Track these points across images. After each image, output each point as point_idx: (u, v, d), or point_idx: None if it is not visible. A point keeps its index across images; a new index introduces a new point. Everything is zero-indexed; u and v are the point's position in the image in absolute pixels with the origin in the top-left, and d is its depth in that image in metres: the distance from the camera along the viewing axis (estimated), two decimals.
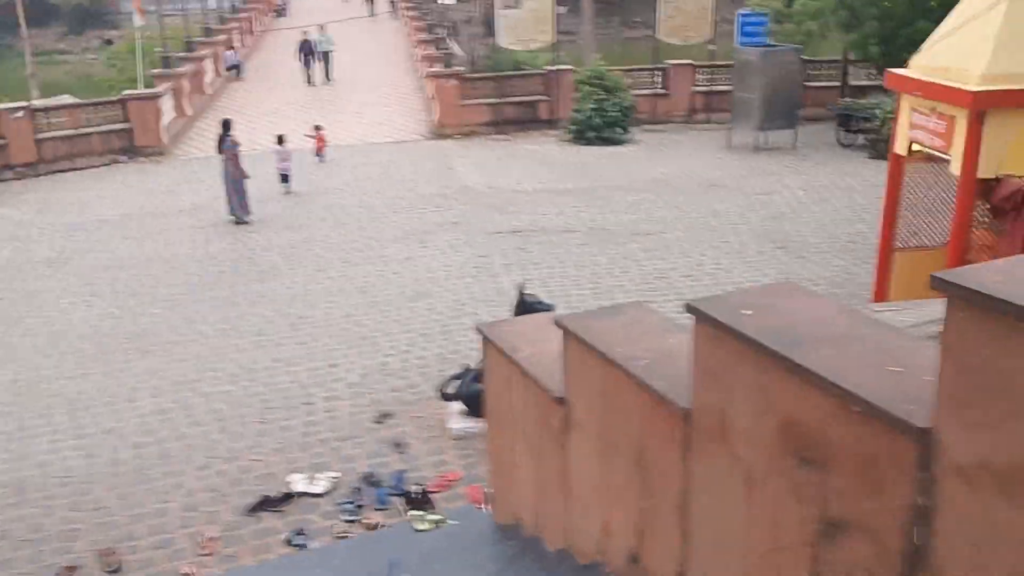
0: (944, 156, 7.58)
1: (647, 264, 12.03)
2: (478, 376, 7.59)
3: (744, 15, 22.56)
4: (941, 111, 7.34)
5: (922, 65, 7.76)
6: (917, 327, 4.25)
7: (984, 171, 7.14)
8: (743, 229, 13.48)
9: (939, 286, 2.13)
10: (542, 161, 19.05)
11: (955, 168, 7.28)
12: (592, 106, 20.45)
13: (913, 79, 7.77)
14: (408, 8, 35.53)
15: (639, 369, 3.71)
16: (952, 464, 2.20)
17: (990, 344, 2.03)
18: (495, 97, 22.43)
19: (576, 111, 20.86)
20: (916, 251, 8.65)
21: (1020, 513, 2.05)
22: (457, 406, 7.84)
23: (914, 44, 18.85)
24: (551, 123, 22.52)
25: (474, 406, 7.62)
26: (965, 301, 2.06)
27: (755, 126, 18.97)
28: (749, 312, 3.05)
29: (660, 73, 23.04)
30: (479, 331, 5.59)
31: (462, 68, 23.10)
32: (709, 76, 22.74)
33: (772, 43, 20.06)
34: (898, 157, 8.27)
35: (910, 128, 7.88)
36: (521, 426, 5.14)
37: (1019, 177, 7.47)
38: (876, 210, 14.17)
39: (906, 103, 7.94)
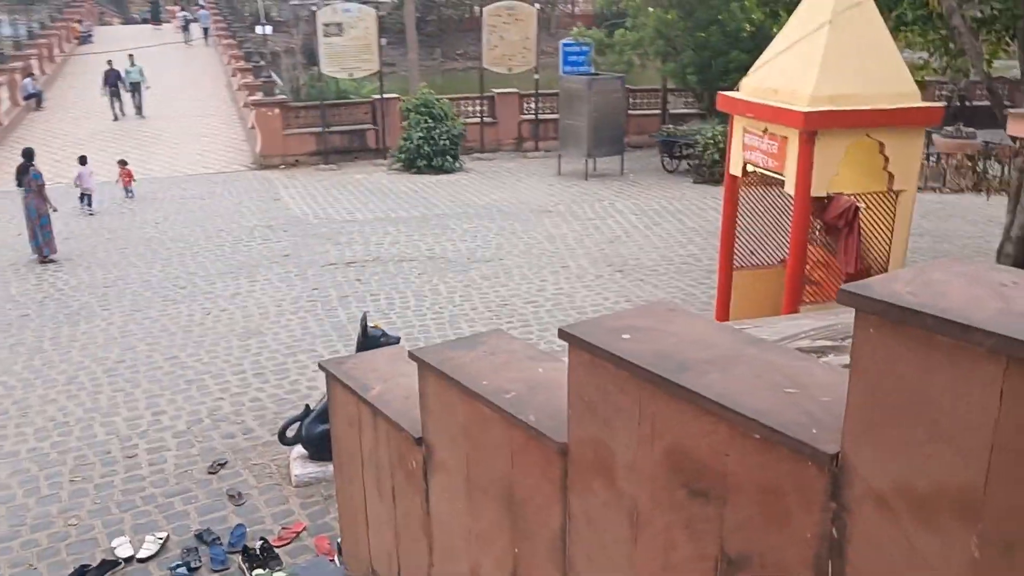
0: (778, 176, 7.84)
1: (489, 291, 11.88)
2: (321, 416, 7.13)
3: (567, 45, 23.17)
4: (773, 132, 7.60)
5: (752, 87, 8.03)
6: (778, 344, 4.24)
7: (817, 189, 7.43)
8: (580, 253, 13.61)
9: (847, 300, 2.00)
10: (373, 190, 18.65)
11: (789, 187, 7.55)
12: (421, 134, 20.27)
13: (745, 101, 8.02)
14: (224, 35, 34.26)
15: (507, 402, 3.46)
16: (866, 491, 2.06)
17: (905, 361, 1.90)
18: (321, 126, 21.86)
19: (405, 139, 20.62)
20: (754, 270, 8.92)
21: (940, 539, 1.94)
22: (299, 450, 7.33)
23: (729, 72, 20.04)
24: (379, 152, 22.18)
25: (318, 449, 7.14)
26: (877, 315, 1.93)
27: (584, 153, 19.37)
28: (628, 336, 2.87)
29: (487, 102, 23.20)
30: (323, 368, 5.19)
31: (285, 96, 22.37)
32: (535, 105, 23.11)
33: (596, 72, 20.62)
34: (733, 178, 8.52)
35: (744, 150, 8.13)
36: (374, 470, 4.77)
37: (849, 195, 7.85)
38: (706, 232, 14.75)
39: (739, 125, 8.19)
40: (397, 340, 7.30)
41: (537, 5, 24.04)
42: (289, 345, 10.16)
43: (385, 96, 22.19)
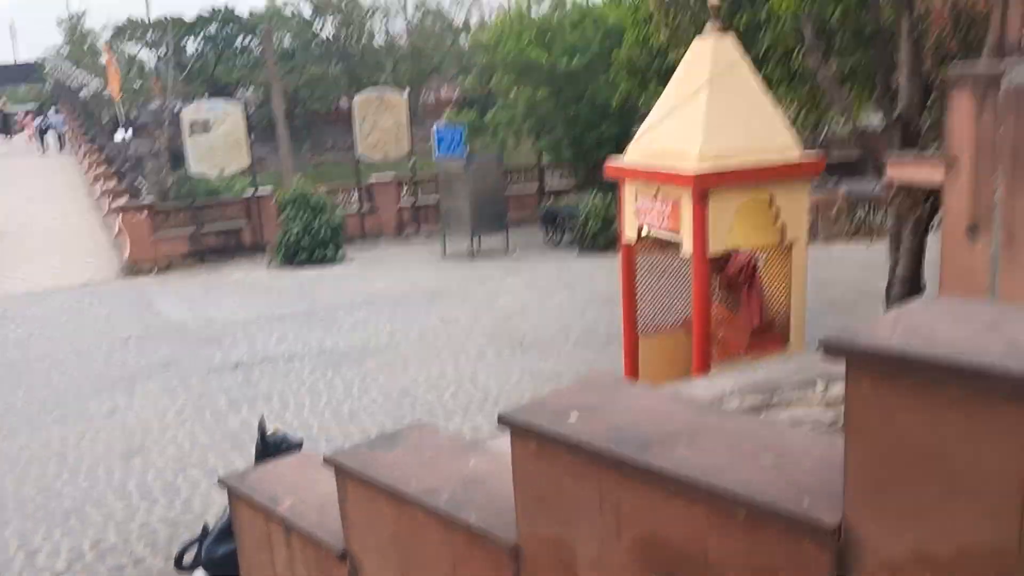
0: (673, 238, 7.85)
1: (387, 382, 11.46)
2: (222, 535, 6.53)
3: (440, 130, 23.29)
4: (665, 194, 7.64)
5: (640, 151, 8.09)
6: (718, 406, 4.09)
7: (714, 248, 7.47)
8: (477, 333, 13.38)
9: (835, 351, 1.81)
10: (253, 288, 18.01)
11: (687, 248, 7.56)
12: (299, 227, 19.83)
13: (633, 168, 8.06)
14: (83, 141, 33.05)
15: (443, 503, 3.14)
16: (878, 564, 1.85)
17: (909, 413, 1.72)
18: (192, 227, 21.11)
19: (283, 233, 20.12)
20: (657, 334, 8.86)
21: None
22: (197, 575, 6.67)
23: (602, 144, 20.53)
24: (256, 249, 21.56)
25: (221, 572, 6.52)
26: (872, 367, 1.75)
27: (467, 232, 19.32)
28: (576, 415, 2.62)
29: (365, 190, 22.99)
30: (224, 484, 4.72)
31: (152, 199, 21.56)
32: (415, 190, 23.04)
33: (472, 153, 20.77)
34: (628, 246, 8.51)
35: (637, 214, 8.14)
36: None
37: (745, 251, 7.93)
38: (598, 300, 14.80)
39: (630, 190, 8.21)
40: (300, 443, 6.82)
41: (407, 91, 24.18)
42: (178, 460, 9.44)
43: (258, 192, 21.68)
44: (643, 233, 8.26)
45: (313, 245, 19.86)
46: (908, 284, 9.65)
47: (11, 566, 7.42)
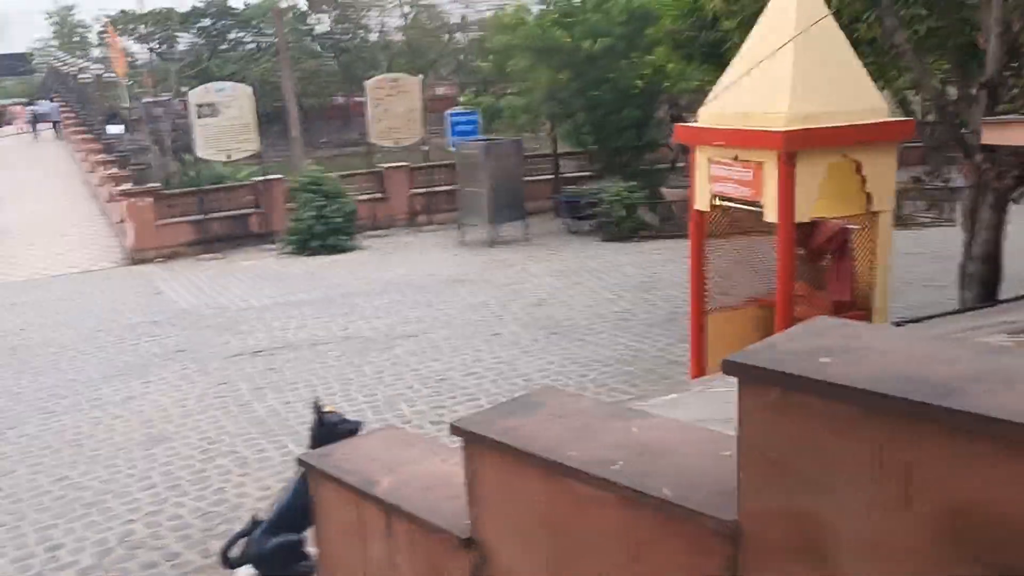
0: (749, 207, 7.19)
1: (420, 368, 10.76)
2: (275, 526, 5.84)
3: (454, 115, 22.61)
4: (746, 158, 6.97)
5: (715, 114, 7.42)
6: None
7: (801, 215, 6.81)
8: (508, 320, 12.69)
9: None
10: (264, 276, 17.26)
11: (770, 215, 6.90)
12: (312, 213, 19.09)
13: (710, 129, 7.39)
14: (78, 128, 32.16)
15: (618, 475, 2.47)
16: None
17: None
18: (199, 213, 20.34)
19: (295, 220, 19.38)
20: (724, 312, 8.18)
21: None
22: (247, 572, 5.97)
23: (623, 129, 19.87)
24: (264, 237, 20.81)
25: (272, 568, 5.82)
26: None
27: (486, 220, 18.63)
28: (826, 359, 1.94)
29: (376, 178, 22.26)
30: (303, 463, 4.04)
31: (157, 185, 20.78)
32: (427, 177, 22.33)
33: (491, 138, 20.07)
34: (700, 214, 7.82)
35: (711, 182, 7.47)
36: None
37: (832, 219, 7.28)
38: (629, 287, 14.15)
39: (703, 156, 7.54)
40: (358, 425, 6.12)
41: (420, 76, 23.45)
42: (204, 449, 8.72)
43: (268, 177, 20.93)
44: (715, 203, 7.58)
45: (326, 232, 19.12)
46: (987, 262, 9.02)
47: (31, 564, 6.69)
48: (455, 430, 3.07)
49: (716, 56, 11.36)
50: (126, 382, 11.02)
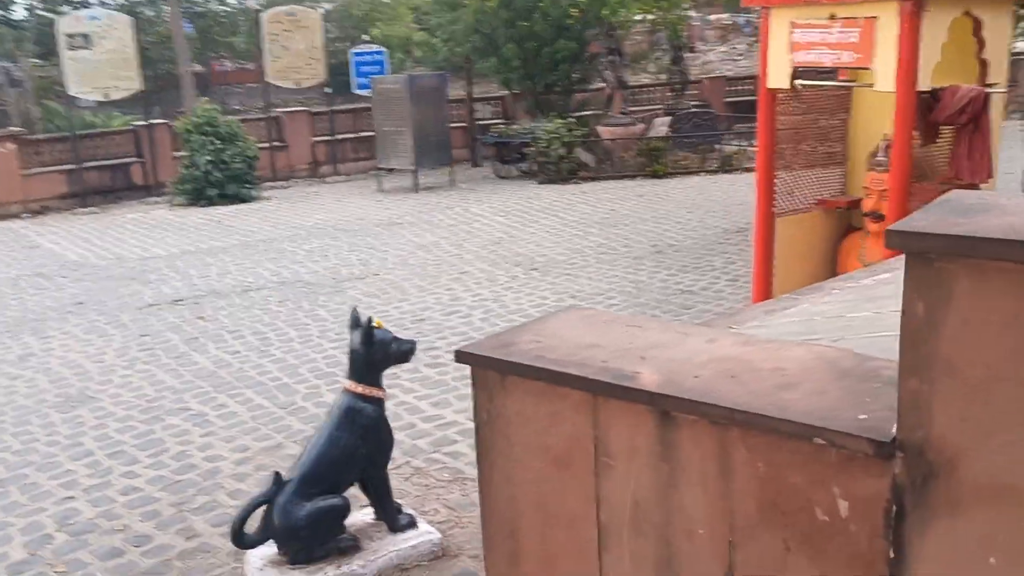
0: (843, 83, 5.98)
1: (389, 308, 9.18)
2: (306, 486, 4.27)
3: (358, 54, 20.68)
4: (850, 15, 5.75)
5: None
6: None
7: (923, 82, 5.66)
8: (472, 257, 11.20)
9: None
10: (159, 227, 15.01)
11: (884, 84, 5.72)
12: (208, 158, 16.80)
13: None
14: None
15: None
16: None
17: None
18: (73, 163, 17.71)
19: (187, 167, 17.04)
20: (791, 215, 6.97)
21: None
22: (263, 553, 4.34)
23: (557, 63, 18.47)
24: (151, 189, 18.37)
25: (305, 545, 4.24)
26: None
27: (409, 163, 16.93)
28: None
29: (274, 123, 20.08)
30: (468, 357, 2.59)
31: (21, 129, 17.98)
32: (330, 123, 20.31)
33: (412, 73, 18.26)
34: (772, 93, 6.56)
35: (792, 51, 6.22)
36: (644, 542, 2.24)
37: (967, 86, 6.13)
38: (594, 223, 12.86)
39: (781, 20, 6.28)
40: (413, 344, 4.59)
41: (322, 8, 21.32)
42: (144, 408, 6.89)
43: (151, 122, 18.46)
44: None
45: (225, 180, 16.91)
46: None
47: None
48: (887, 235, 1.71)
49: None
50: (17, 338, 8.92)
